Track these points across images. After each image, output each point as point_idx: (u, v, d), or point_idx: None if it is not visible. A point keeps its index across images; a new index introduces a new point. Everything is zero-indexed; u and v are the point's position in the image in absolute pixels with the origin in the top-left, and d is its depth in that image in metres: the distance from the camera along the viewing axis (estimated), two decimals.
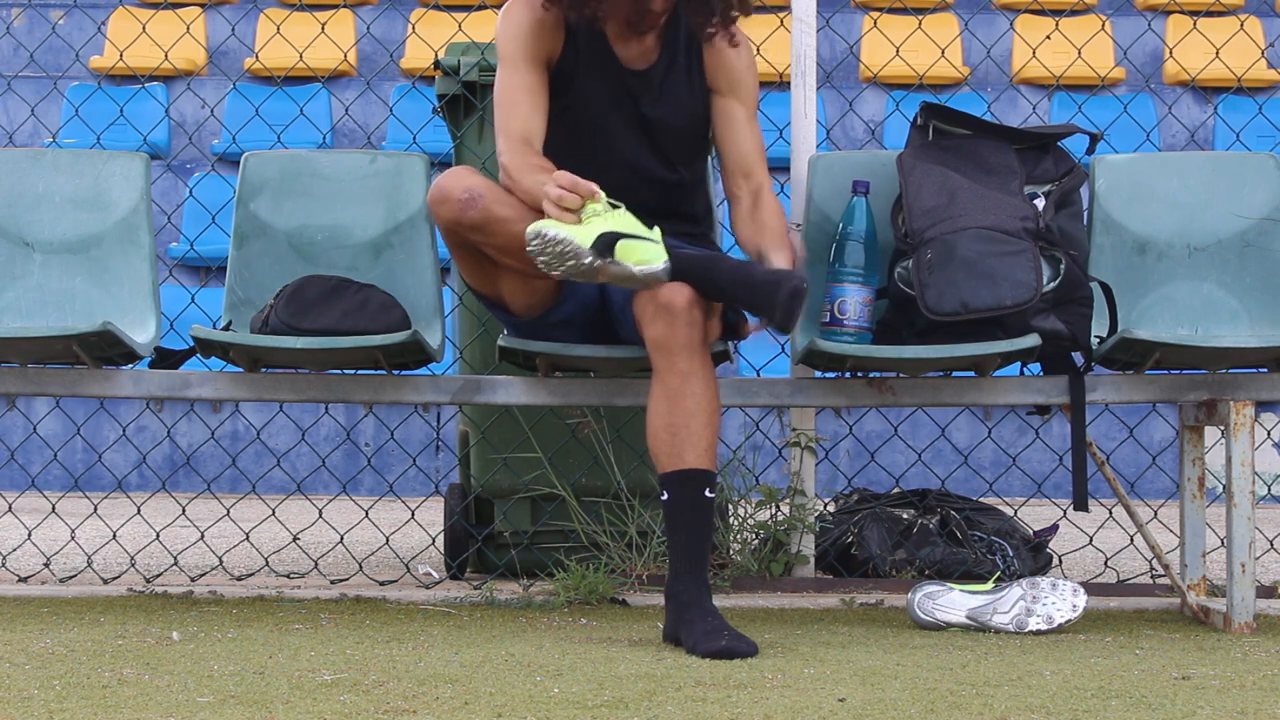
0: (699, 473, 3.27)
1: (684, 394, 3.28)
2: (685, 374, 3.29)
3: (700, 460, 3.27)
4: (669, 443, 3.28)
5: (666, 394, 3.30)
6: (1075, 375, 3.76)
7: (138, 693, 2.68)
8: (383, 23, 10.37)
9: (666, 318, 3.30)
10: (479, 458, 4.31)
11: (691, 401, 3.28)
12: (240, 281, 4.01)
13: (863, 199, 3.75)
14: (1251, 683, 2.88)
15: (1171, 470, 5.88)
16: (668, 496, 3.28)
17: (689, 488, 3.27)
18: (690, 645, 3.16)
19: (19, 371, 3.86)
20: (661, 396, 3.31)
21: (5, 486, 6.80)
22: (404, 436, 8.26)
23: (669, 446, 3.28)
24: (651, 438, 3.31)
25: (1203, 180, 4.04)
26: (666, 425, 3.29)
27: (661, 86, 3.62)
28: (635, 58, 3.62)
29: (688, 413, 3.28)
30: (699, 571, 3.26)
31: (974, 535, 4.29)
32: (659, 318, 3.31)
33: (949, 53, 9.71)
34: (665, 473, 3.29)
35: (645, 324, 3.33)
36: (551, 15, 3.55)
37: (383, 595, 4.02)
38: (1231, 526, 3.52)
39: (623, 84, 3.61)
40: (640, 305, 3.35)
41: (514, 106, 3.54)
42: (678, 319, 3.30)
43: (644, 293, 3.33)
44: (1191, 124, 9.98)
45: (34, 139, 9.28)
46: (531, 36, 3.56)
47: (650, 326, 3.32)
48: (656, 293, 3.31)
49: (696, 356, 3.30)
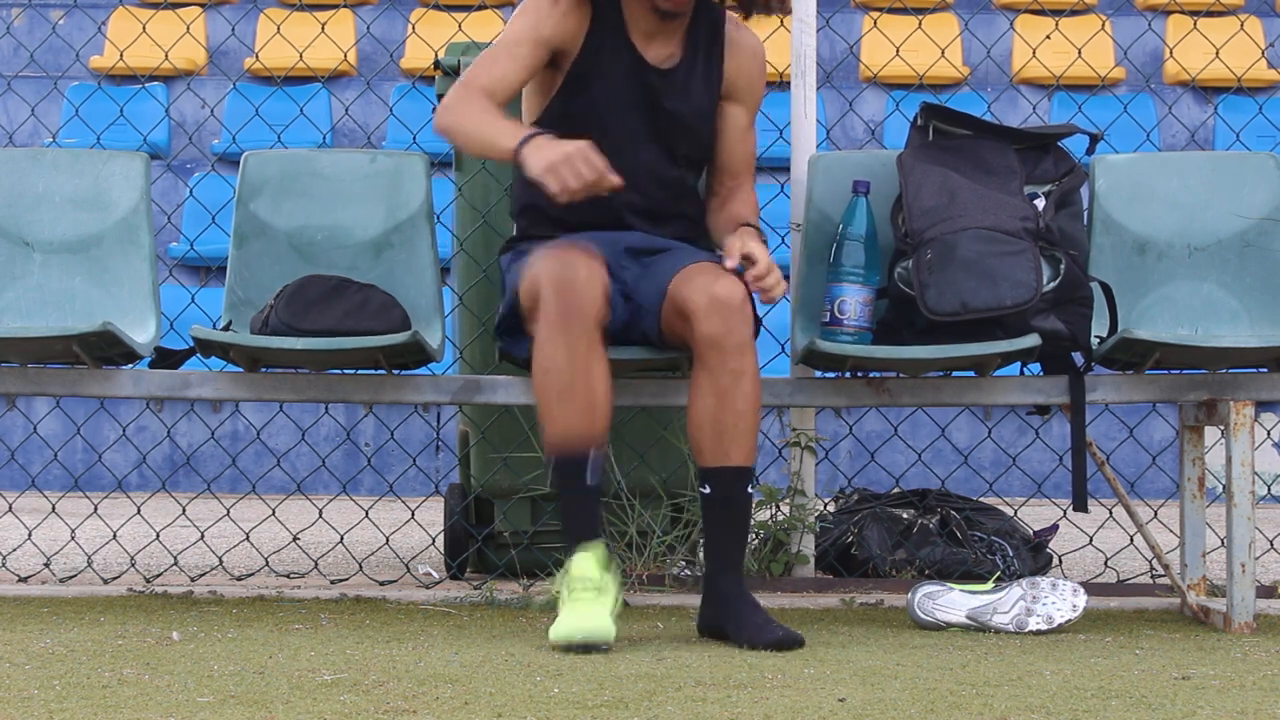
0: (744, 470, 3.35)
1: (735, 393, 3.31)
2: (737, 373, 3.32)
3: (746, 459, 3.34)
4: (715, 439, 3.33)
5: (716, 391, 3.32)
6: (1075, 375, 3.76)
7: (138, 693, 2.68)
8: (383, 23, 10.37)
9: (723, 313, 3.32)
10: (479, 458, 4.31)
11: (743, 402, 3.32)
12: (240, 281, 4.01)
13: (863, 199, 3.75)
14: (1251, 683, 2.88)
15: (1171, 470, 5.88)
16: (710, 491, 3.34)
17: (734, 485, 3.35)
18: (745, 638, 3.24)
19: (19, 371, 3.86)
20: (710, 392, 3.32)
21: (5, 486, 6.80)
22: (404, 436, 8.26)
23: (715, 443, 3.33)
24: (695, 430, 3.35)
25: (1203, 180, 4.03)
26: (714, 421, 3.32)
27: (685, 86, 3.62)
28: (661, 58, 3.62)
29: (738, 412, 3.32)
30: (739, 566, 3.38)
31: (974, 535, 4.29)
32: (715, 313, 3.32)
33: (949, 53, 9.71)
34: (710, 468, 3.34)
35: (698, 319, 3.33)
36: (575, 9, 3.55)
37: (383, 595, 4.02)
38: (1231, 526, 3.52)
39: (645, 83, 3.60)
40: (691, 298, 3.35)
41: (494, 62, 3.55)
42: (734, 315, 3.32)
43: (695, 286, 3.35)
44: (1191, 124, 9.98)
45: (34, 139, 9.28)
46: (545, 20, 3.55)
47: (704, 321, 3.32)
48: (713, 288, 3.33)
49: (748, 355, 3.33)
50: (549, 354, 3.29)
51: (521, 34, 3.56)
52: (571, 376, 3.28)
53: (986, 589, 3.53)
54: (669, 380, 3.80)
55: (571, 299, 3.29)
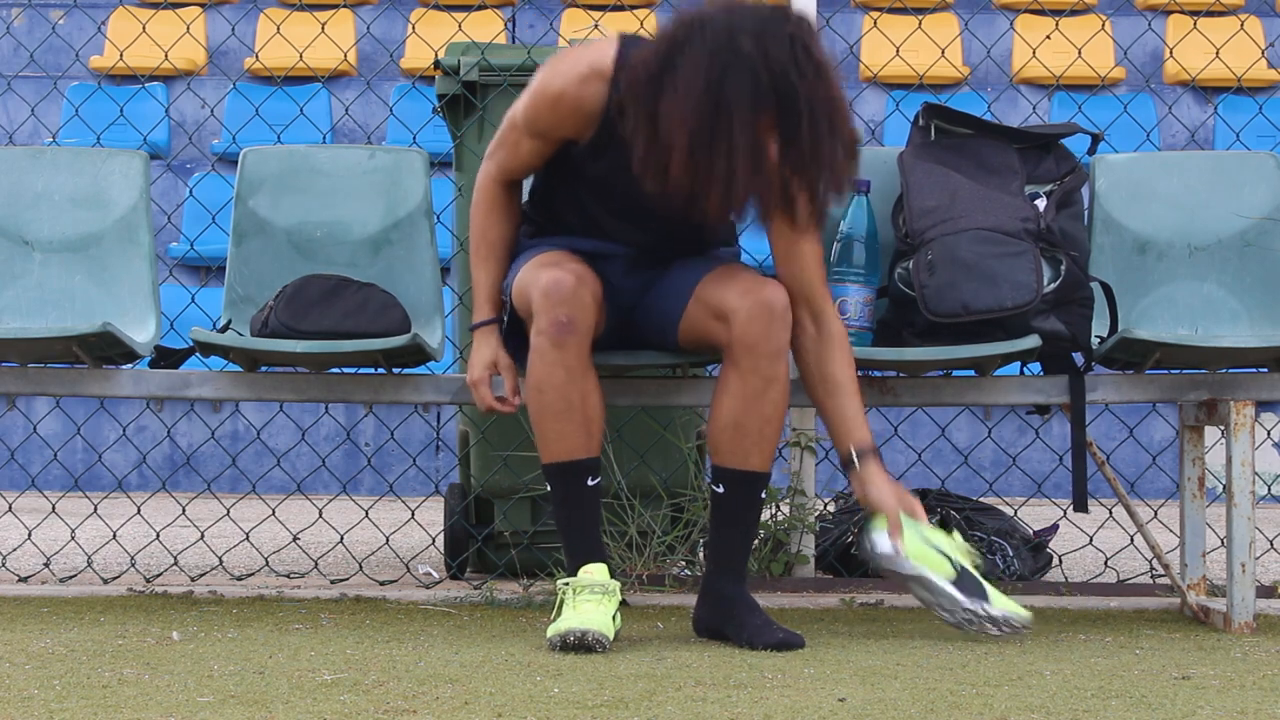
0: (761, 476, 3.34)
1: (764, 400, 3.29)
2: (769, 379, 3.29)
3: (763, 465, 3.33)
4: (736, 441, 3.31)
5: (745, 393, 3.29)
6: (1075, 375, 3.75)
7: (138, 693, 2.68)
8: (383, 23, 10.37)
9: (766, 318, 3.28)
10: (479, 458, 4.31)
11: (770, 408, 3.30)
12: (240, 279, 4.01)
13: (863, 198, 3.75)
14: (1251, 683, 2.88)
15: (1171, 470, 5.88)
16: (724, 491, 3.33)
17: (748, 489, 3.34)
18: (744, 639, 3.23)
19: (19, 371, 3.86)
20: (739, 394, 3.30)
21: (5, 486, 6.80)
22: (404, 436, 8.26)
23: (735, 444, 3.31)
24: (716, 429, 3.32)
25: (1203, 180, 4.03)
26: (736, 424, 3.30)
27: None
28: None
29: (763, 418, 3.30)
30: (743, 570, 3.36)
31: (974, 535, 4.29)
32: (759, 317, 3.27)
33: (949, 53, 9.71)
34: (726, 469, 3.32)
35: (738, 320, 3.29)
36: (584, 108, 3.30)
37: (383, 595, 4.02)
38: (1231, 526, 3.52)
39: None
40: (729, 300, 3.30)
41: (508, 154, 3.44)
42: (776, 321, 3.28)
43: (734, 288, 3.31)
44: (1191, 124, 9.98)
45: (34, 139, 9.27)
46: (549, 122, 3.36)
47: (746, 324, 3.28)
48: (761, 292, 3.28)
49: (781, 363, 3.30)
50: (544, 373, 3.27)
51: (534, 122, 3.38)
52: (568, 395, 3.26)
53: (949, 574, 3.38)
54: (669, 380, 3.80)
55: (564, 312, 3.25)
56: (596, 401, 3.31)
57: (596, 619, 3.16)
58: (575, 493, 3.30)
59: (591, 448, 3.30)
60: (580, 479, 3.29)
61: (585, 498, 3.30)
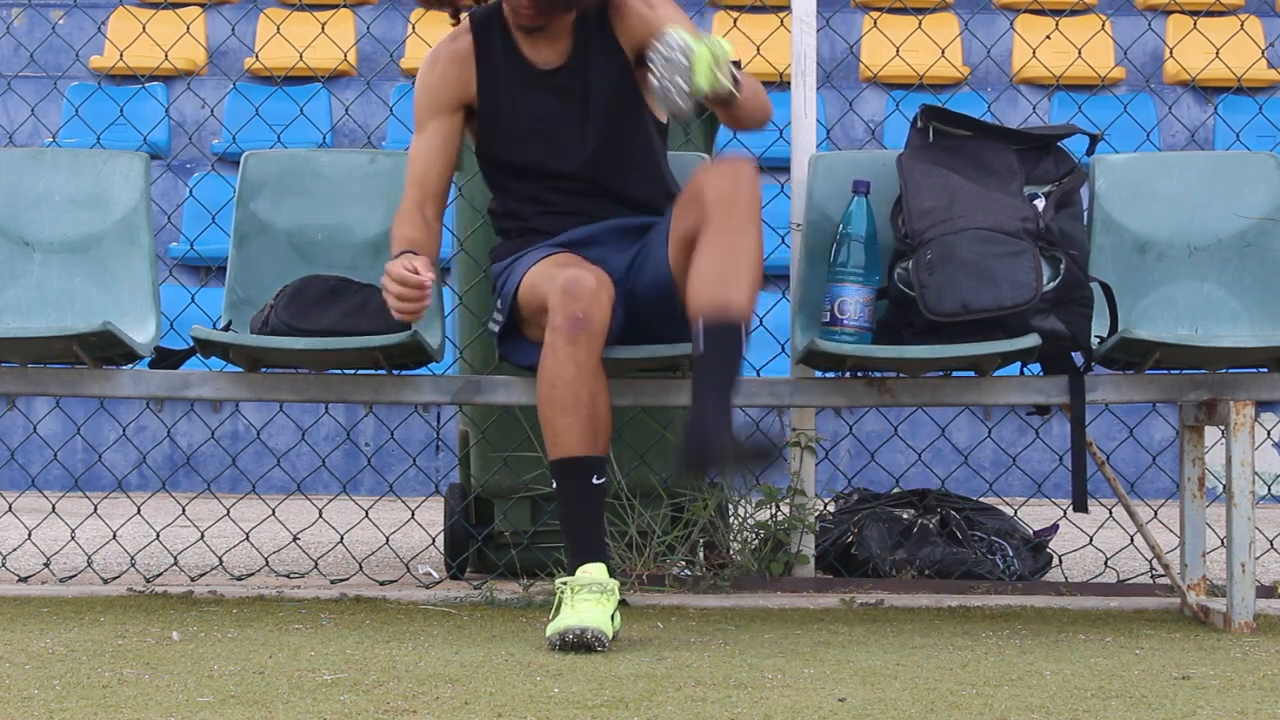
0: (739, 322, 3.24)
1: (739, 246, 3.28)
2: (743, 228, 3.29)
3: (743, 308, 3.25)
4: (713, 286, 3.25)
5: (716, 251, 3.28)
6: (1075, 375, 3.75)
7: (138, 693, 2.68)
8: (383, 23, 10.37)
9: (734, 174, 3.33)
10: (479, 458, 4.31)
11: (744, 257, 3.28)
12: (240, 281, 4.01)
13: (863, 199, 3.75)
14: (1251, 683, 2.88)
15: (1171, 470, 5.88)
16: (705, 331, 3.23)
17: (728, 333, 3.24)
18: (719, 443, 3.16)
19: (19, 371, 3.86)
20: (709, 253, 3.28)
21: (5, 486, 6.80)
22: (404, 436, 8.26)
23: (713, 290, 3.25)
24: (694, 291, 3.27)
25: (1203, 180, 4.04)
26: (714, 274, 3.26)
27: (586, 75, 3.60)
28: (552, 58, 3.61)
29: (738, 266, 3.27)
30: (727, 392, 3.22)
31: (974, 535, 4.29)
32: (727, 174, 3.33)
33: (949, 53, 9.72)
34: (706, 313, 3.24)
35: (710, 183, 3.33)
36: (458, 60, 3.64)
37: (383, 595, 4.02)
38: (1231, 526, 3.52)
39: (549, 87, 3.60)
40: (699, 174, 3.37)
41: (413, 162, 3.67)
42: (743, 178, 3.33)
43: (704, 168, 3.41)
44: (1191, 124, 9.99)
45: (34, 139, 9.28)
46: (436, 90, 3.65)
47: (715, 183, 3.32)
48: (724, 160, 3.37)
49: (755, 220, 3.32)
50: (556, 368, 3.28)
51: (422, 112, 3.68)
52: (578, 391, 3.27)
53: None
54: (669, 380, 3.80)
55: (580, 309, 3.28)
56: (605, 403, 3.32)
57: (595, 617, 3.16)
58: (580, 490, 3.29)
59: (598, 446, 3.30)
60: (585, 476, 3.28)
61: (589, 496, 3.29)
